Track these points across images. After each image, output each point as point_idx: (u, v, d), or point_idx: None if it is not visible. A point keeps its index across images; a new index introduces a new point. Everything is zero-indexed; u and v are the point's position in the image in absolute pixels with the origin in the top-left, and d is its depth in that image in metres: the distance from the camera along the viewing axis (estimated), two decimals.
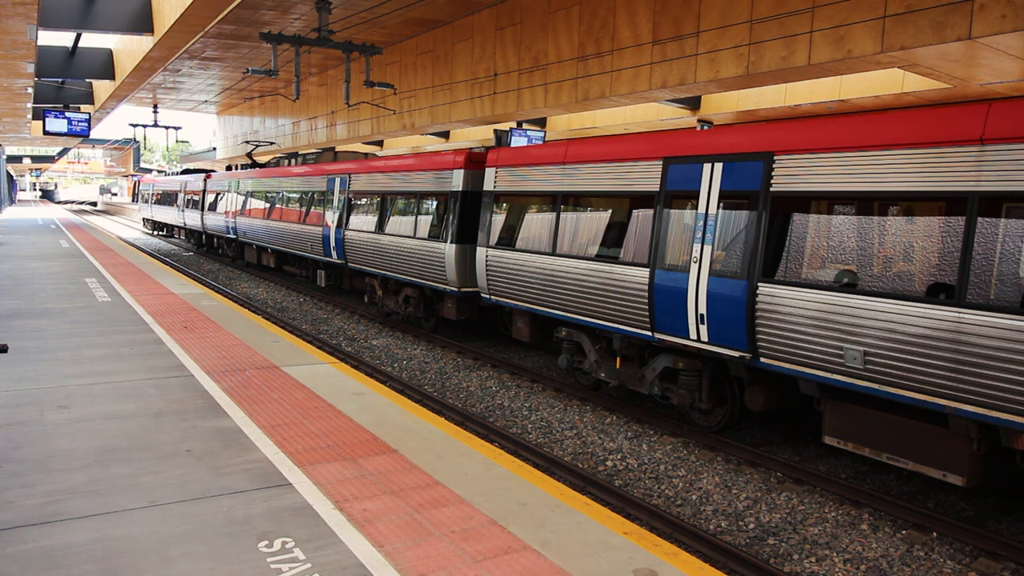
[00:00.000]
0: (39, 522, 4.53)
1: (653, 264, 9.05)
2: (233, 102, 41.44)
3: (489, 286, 12.27)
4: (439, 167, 13.93)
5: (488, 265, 12.19)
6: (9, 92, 25.37)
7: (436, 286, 13.89)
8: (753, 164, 8.08)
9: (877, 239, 7.11)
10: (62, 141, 54.22)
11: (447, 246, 13.30)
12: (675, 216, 8.94)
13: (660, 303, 8.95)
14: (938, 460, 6.76)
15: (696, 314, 8.49)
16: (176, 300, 13.50)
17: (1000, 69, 11.49)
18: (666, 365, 9.34)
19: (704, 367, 9.00)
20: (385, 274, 15.79)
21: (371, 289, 17.18)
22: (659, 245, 9.04)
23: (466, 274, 13.20)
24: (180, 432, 6.25)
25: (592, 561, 4.31)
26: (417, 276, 14.46)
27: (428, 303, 15.17)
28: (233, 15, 20.83)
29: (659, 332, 9.06)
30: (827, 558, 6.51)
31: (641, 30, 14.64)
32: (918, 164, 6.67)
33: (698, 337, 8.52)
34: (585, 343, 10.63)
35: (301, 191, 20.56)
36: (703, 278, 8.42)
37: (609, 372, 10.29)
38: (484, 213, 12.48)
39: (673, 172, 9.03)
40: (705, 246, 8.47)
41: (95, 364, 8.45)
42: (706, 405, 9.08)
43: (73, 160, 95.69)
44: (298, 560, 4.18)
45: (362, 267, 16.87)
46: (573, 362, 11.02)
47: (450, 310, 14.03)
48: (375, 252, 16.01)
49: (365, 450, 6.00)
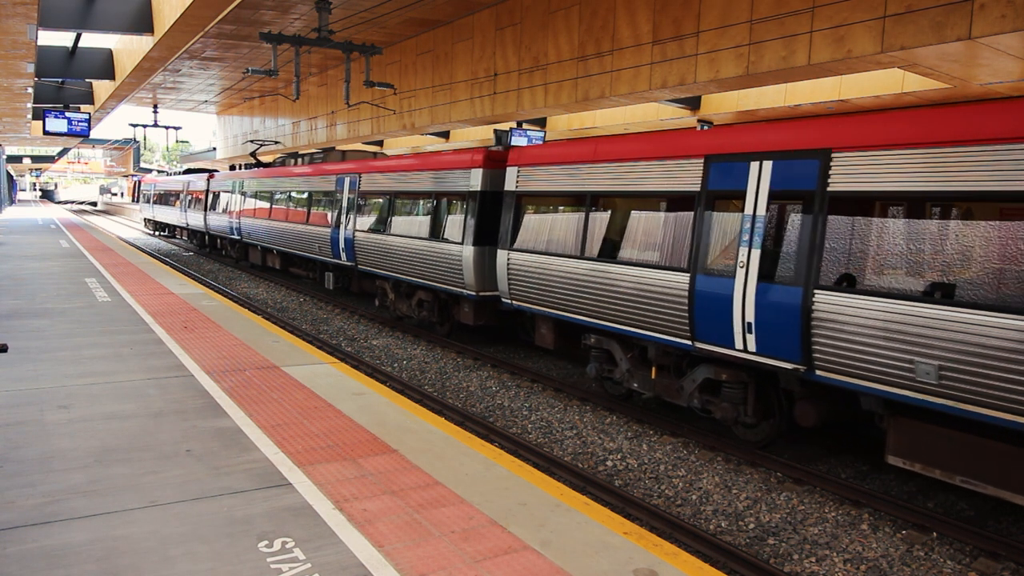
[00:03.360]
0: (39, 522, 4.53)
1: (694, 269, 8.49)
2: (233, 102, 41.45)
3: (511, 290, 11.67)
4: (456, 166, 13.40)
5: (510, 268, 11.61)
6: (9, 92, 25.38)
7: (452, 290, 13.38)
8: (807, 162, 7.49)
9: (956, 244, 6.50)
10: (62, 141, 54.23)
11: (465, 248, 12.77)
12: (718, 218, 8.37)
13: (701, 310, 8.39)
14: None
15: (742, 323, 7.93)
16: (176, 300, 13.50)
17: (1000, 69, 11.50)
18: (707, 376, 8.76)
19: (749, 379, 8.41)
20: (397, 277, 15.27)
21: (382, 292, 16.70)
22: (700, 249, 8.47)
23: (485, 278, 12.67)
24: (180, 432, 6.25)
25: (592, 561, 4.31)
26: (432, 279, 13.94)
27: (443, 307, 14.67)
28: (233, 15, 20.83)
29: (700, 341, 8.49)
30: (827, 558, 6.51)
31: (641, 30, 14.64)
32: (1001, 162, 6.07)
33: (744, 347, 7.95)
34: (616, 351, 10.06)
35: (308, 191, 20.04)
36: (751, 284, 7.85)
37: (643, 383, 9.72)
38: (505, 214, 11.89)
39: (716, 171, 8.45)
40: (753, 250, 7.87)
41: (95, 364, 8.45)
42: (752, 419, 8.50)
43: (73, 160, 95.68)
44: (298, 560, 4.18)
45: (373, 269, 16.32)
46: (602, 371, 10.43)
47: (467, 315, 13.50)
48: (387, 254, 15.52)
49: (365, 450, 6.00)
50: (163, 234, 43.71)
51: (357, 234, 16.83)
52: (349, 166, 17.97)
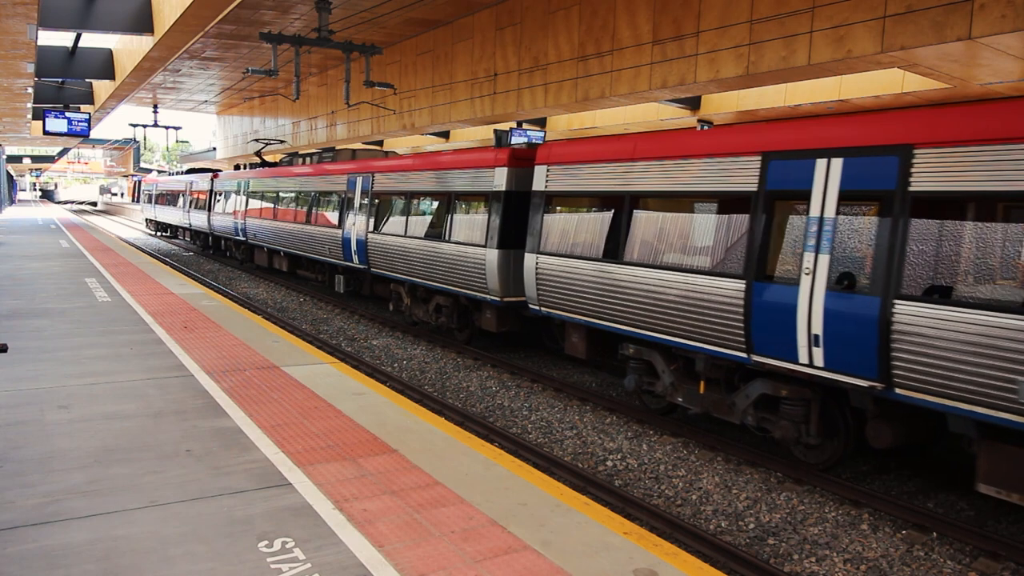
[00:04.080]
0: (39, 522, 4.53)
1: (751, 275, 7.86)
2: (233, 102, 41.45)
3: (539, 296, 11.00)
4: (478, 165, 12.71)
5: (539, 273, 10.94)
6: (9, 92, 25.38)
7: (474, 295, 12.68)
8: (885, 159, 6.84)
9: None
10: (62, 141, 54.23)
11: (488, 251, 12.10)
12: (779, 220, 7.73)
13: (759, 320, 7.75)
14: None
15: (808, 334, 7.29)
16: (176, 300, 13.50)
17: (1000, 69, 11.50)
18: (764, 392, 8.13)
19: (813, 396, 7.77)
20: (414, 281, 14.58)
21: (397, 296, 16.02)
22: (758, 254, 7.83)
23: (509, 282, 11.99)
24: (180, 432, 6.24)
25: (592, 561, 4.30)
26: (451, 284, 13.25)
27: (463, 313, 13.97)
28: (233, 15, 20.83)
29: (757, 354, 7.84)
30: (827, 558, 6.51)
31: (641, 30, 14.64)
32: None
33: (810, 361, 7.30)
34: (658, 363, 9.42)
35: (318, 191, 19.34)
36: (818, 293, 7.22)
37: (689, 397, 9.07)
38: (533, 216, 11.21)
39: (776, 169, 7.79)
40: (820, 256, 7.24)
41: (95, 364, 8.45)
42: (815, 440, 7.87)
43: (73, 160, 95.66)
44: (298, 560, 4.18)
45: (387, 273, 15.59)
46: (642, 384, 9.76)
47: (489, 321, 12.85)
48: (403, 257, 14.83)
49: (365, 450, 6.00)
50: (165, 235, 43.09)
51: (370, 236, 16.17)
52: (361, 165, 17.31)
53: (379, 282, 17.14)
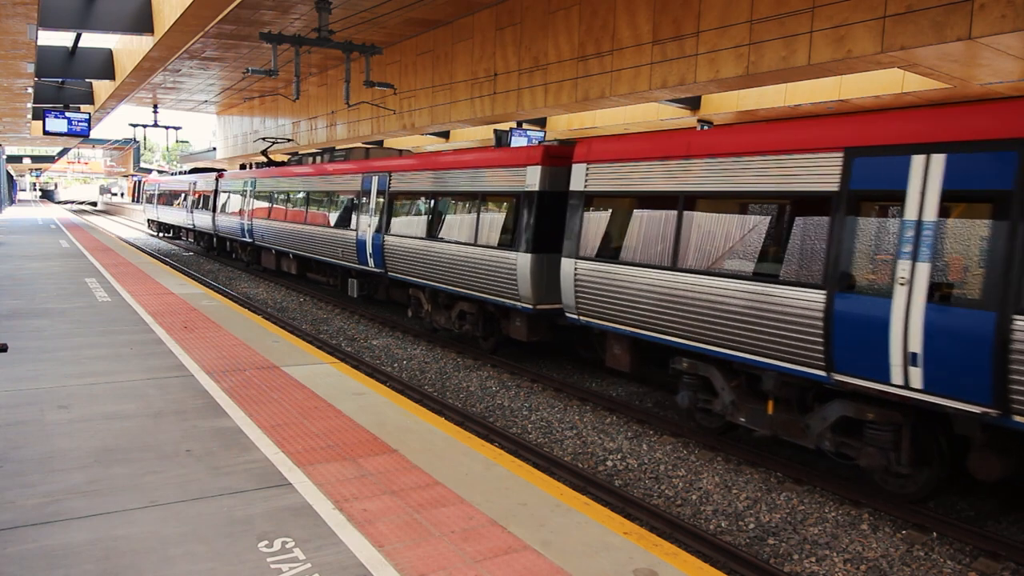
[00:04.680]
0: (39, 522, 4.53)
1: (832, 285, 7.12)
2: (233, 102, 41.46)
3: (578, 304, 10.27)
4: (508, 163, 11.95)
5: (578, 280, 10.22)
6: (9, 92, 25.38)
7: (502, 301, 11.93)
8: (999, 155, 6.11)
9: None
10: (62, 141, 54.24)
11: (520, 256, 11.36)
12: (866, 224, 6.99)
13: (843, 335, 7.02)
14: None
15: (904, 352, 6.56)
16: (176, 300, 13.50)
17: (1000, 69, 11.50)
18: (845, 414, 7.43)
19: (905, 420, 7.02)
20: (435, 286, 13.79)
21: (416, 302, 15.23)
22: (840, 261, 7.09)
23: (543, 288, 11.28)
24: (180, 432, 6.25)
25: (592, 561, 4.30)
26: (477, 289, 12.50)
27: (489, 320, 13.20)
28: (233, 15, 20.83)
29: (839, 372, 7.11)
30: (827, 558, 6.51)
31: (641, 30, 14.64)
32: None
33: (905, 382, 6.57)
34: (716, 379, 8.71)
35: (331, 191, 18.54)
36: (916, 305, 6.47)
37: (754, 417, 8.34)
38: (572, 218, 10.47)
39: (862, 167, 7.03)
40: (919, 264, 6.49)
41: (95, 364, 8.45)
42: (907, 469, 7.13)
43: (73, 160, 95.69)
44: (298, 560, 4.18)
45: (405, 277, 14.84)
46: (697, 401, 9.08)
47: (519, 330, 12.08)
48: (423, 261, 14.05)
49: (365, 450, 6.00)
50: (167, 235, 42.38)
51: (387, 238, 15.37)
52: (379, 164, 16.48)
53: (396, 287, 16.47)
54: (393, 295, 16.70)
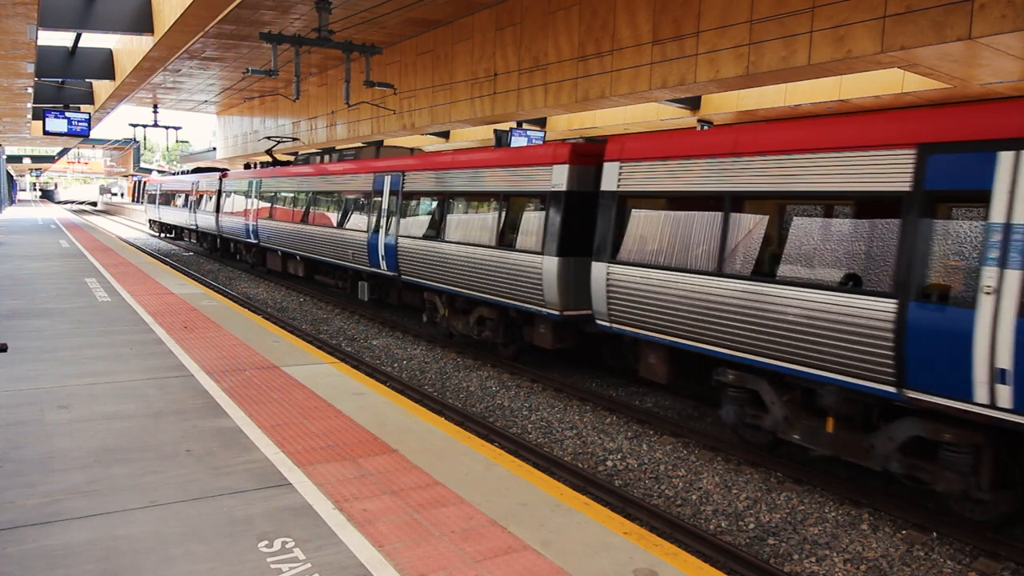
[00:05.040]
0: (39, 522, 4.53)
1: (905, 293, 6.59)
2: (233, 102, 41.47)
3: (610, 311, 9.75)
4: (532, 162, 11.40)
5: (610, 285, 9.69)
6: (9, 92, 25.38)
7: (525, 307, 11.40)
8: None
9: None
10: (62, 141, 54.26)
11: (545, 260, 10.83)
12: (945, 227, 6.44)
13: (917, 349, 6.48)
14: None
15: (989, 368, 6.04)
16: (176, 300, 13.50)
17: (1000, 69, 11.50)
18: (916, 434, 6.88)
19: (987, 442, 6.49)
20: (452, 290, 13.26)
21: (431, 307, 14.70)
22: (915, 268, 6.55)
23: (570, 294, 10.74)
24: (180, 432, 6.25)
25: (592, 561, 4.31)
26: (498, 294, 11.95)
27: (510, 326, 12.66)
28: (233, 15, 20.84)
29: (912, 389, 6.57)
30: (827, 558, 6.51)
31: (641, 30, 14.64)
32: None
33: (991, 401, 6.04)
34: (766, 392, 8.14)
35: (340, 191, 17.93)
36: (1006, 317, 5.95)
37: (810, 435, 7.74)
38: (603, 219, 9.95)
39: (939, 164, 6.46)
40: (1008, 271, 5.95)
41: (95, 364, 8.45)
42: (988, 495, 6.61)
43: (73, 160, 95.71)
44: (298, 560, 4.18)
45: (420, 281, 14.26)
46: (744, 416, 8.50)
47: (543, 336, 11.60)
48: (439, 264, 13.49)
49: (365, 450, 6.00)
50: (169, 236, 41.65)
51: (401, 240, 14.76)
52: (391, 163, 15.85)
53: (409, 290, 15.85)
54: (406, 299, 16.16)
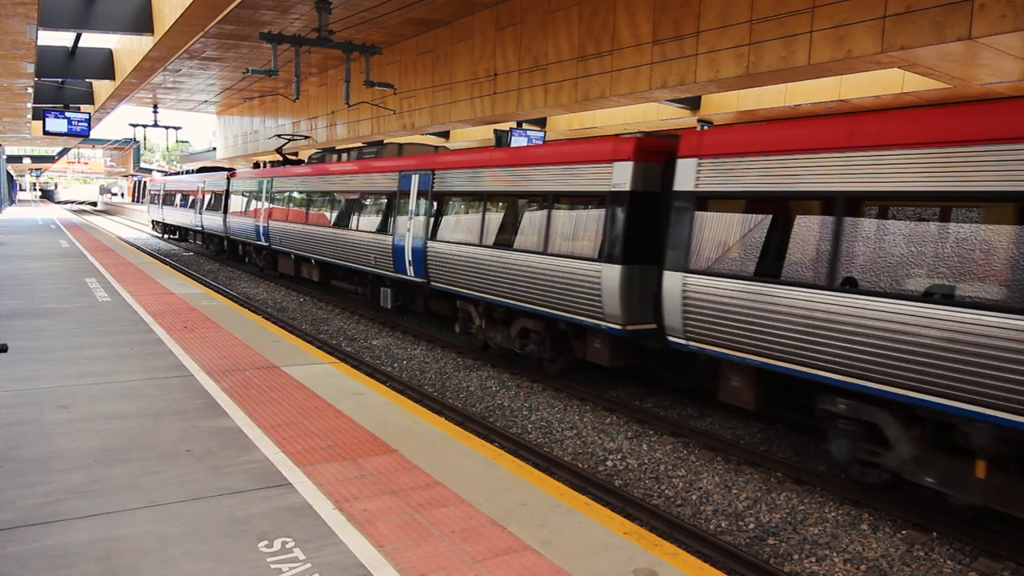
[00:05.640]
0: (39, 522, 4.53)
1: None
2: (233, 102, 41.48)
3: (686, 326, 8.69)
4: (588, 159, 10.37)
5: (688, 297, 8.64)
6: (9, 92, 25.38)
7: (581, 320, 10.34)
8: None
9: None
10: (62, 141, 54.27)
11: (606, 268, 9.83)
12: None
13: None
14: None
15: None
16: (176, 300, 13.50)
17: (1000, 69, 11.50)
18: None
19: None
20: (490, 299, 12.22)
21: (465, 317, 13.63)
22: None
23: (633, 306, 9.77)
24: (180, 432, 6.25)
25: (592, 561, 4.31)
26: (546, 305, 10.93)
27: (558, 340, 11.59)
28: (233, 15, 20.84)
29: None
30: (827, 558, 6.51)
31: (641, 30, 14.65)
32: None
33: None
34: (890, 427, 7.07)
35: (362, 191, 16.84)
36: None
37: (950, 480, 6.65)
38: (678, 224, 8.92)
39: None
40: None
41: (95, 364, 8.45)
42: None
43: (73, 160, 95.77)
44: (298, 560, 4.18)
45: (453, 288, 13.23)
46: (858, 451, 7.38)
47: (599, 353, 10.49)
48: (476, 270, 12.44)
49: (365, 450, 6.00)
50: (173, 237, 40.65)
51: (431, 244, 13.71)
52: (418, 161, 14.81)
53: (438, 298, 14.78)
54: (434, 307, 15.06)
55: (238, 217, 25.98)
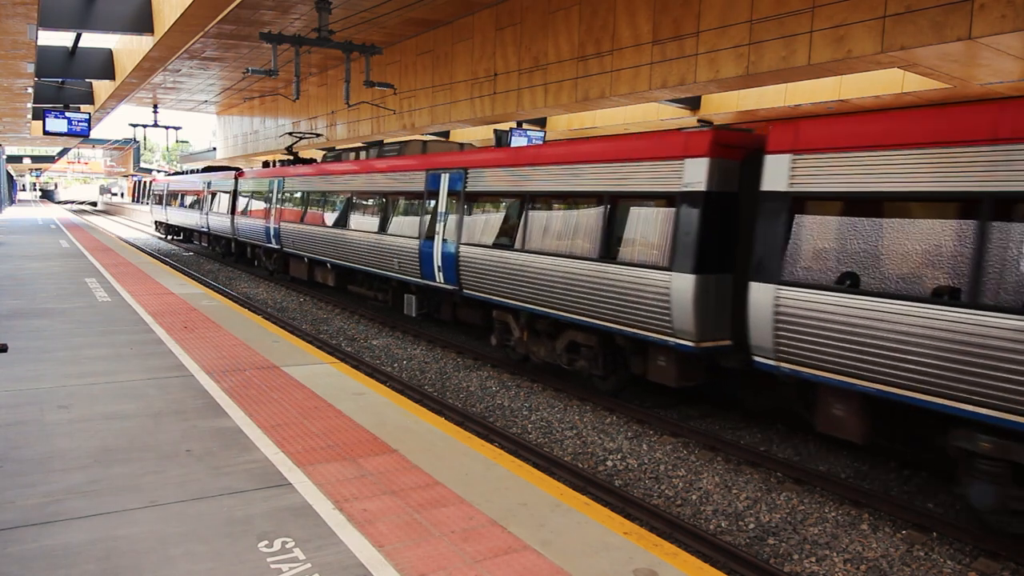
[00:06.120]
0: (39, 522, 4.53)
1: None
2: (233, 102, 41.48)
3: (779, 346, 7.72)
4: (654, 155, 9.35)
5: (780, 313, 7.67)
6: (9, 92, 25.38)
7: (644, 335, 9.36)
8: None
9: None
10: (62, 141, 54.27)
11: (677, 277, 8.80)
12: None
13: None
14: None
15: None
16: (176, 300, 13.50)
17: (1000, 69, 11.51)
18: None
19: None
20: (533, 309, 11.16)
21: (502, 327, 12.63)
22: None
23: (709, 320, 8.78)
24: (180, 432, 6.25)
25: (592, 561, 4.31)
26: (601, 317, 9.92)
27: (613, 355, 10.54)
28: (233, 15, 20.85)
29: None
30: (827, 558, 6.51)
31: (641, 30, 14.65)
32: None
33: None
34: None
35: (384, 191, 15.87)
36: None
37: None
38: (767, 228, 7.97)
39: None
40: None
41: (95, 364, 8.45)
42: None
43: (73, 160, 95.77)
44: (298, 560, 4.18)
45: (489, 297, 12.19)
46: (1007, 499, 6.43)
47: (663, 371, 9.49)
48: (517, 278, 11.39)
49: (365, 450, 6.00)
50: (177, 239, 39.21)
51: (464, 249, 12.74)
52: (447, 159, 13.87)
53: (470, 306, 13.85)
54: (463, 316, 14.12)
55: (247, 218, 25.06)
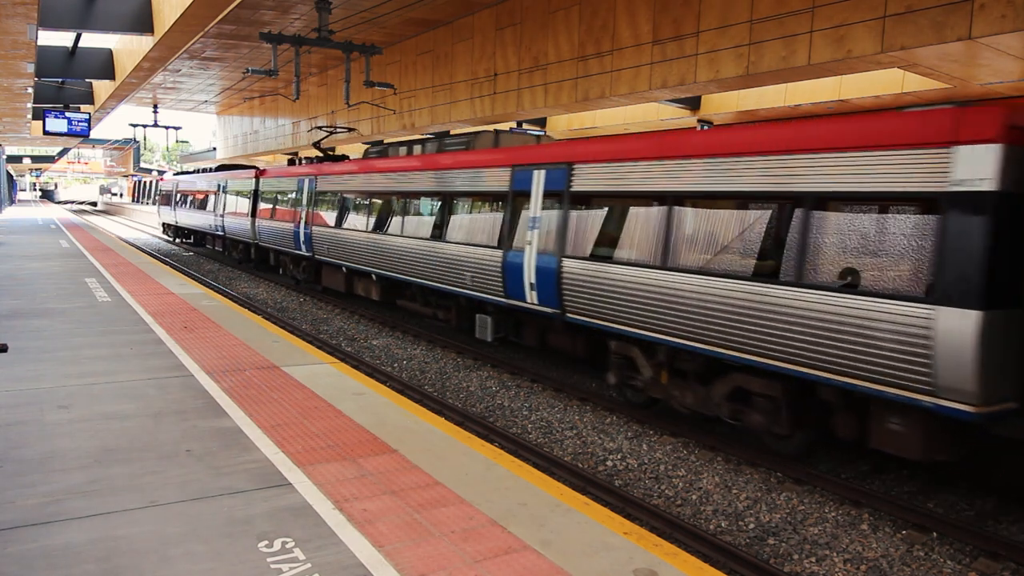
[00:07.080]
0: (39, 522, 4.53)
1: None
2: (233, 102, 41.48)
3: None
4: (898, 141, 6.76)
5: None
6: (9, 92, 25.39)
7: (874, 388, 6.83)
8: None
9: None
10: (62, 141, 54.28)
11: (948, 313, 6.26)
12: None
13: None
14: None
15: None
16: (176, 300, 13.50)
17: (1000, 69, 11.51)
18: None
19: None
20: (681, 344, 8.73)
21: (623, 363, 10.16)
22: None
23: (996, 375, 6.26)
24: (180, 432, 6.25)
25: (592, 561, 4.31)
26: (796, 360, 7.43)
27: (803, 407, 8.07)
28: (233, 15, 20.85)
29: None
30: (827, 558, 6.51)
31: (641, 30, 14.64)
32: None
33: None
34: None
35: (453, 192, 13.47)
36: None
37: None
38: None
39: None
40: None
41: (95, 364, 8.45)
42: None
43: (73, 160, 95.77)
44: (298, 560, 4.18)
45: (608, 324, 9.75)
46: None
47: (902, 440, 7.00)
48: (653, 302, 8.97)
49: (365, 450, 6.00)
50: (187, 242, 36.88)
51: (569, 263, 10.30)
52: (541, 153, 11.40)
53: (571, 333, 11.40)
54: (558, 343, 11.69)
55: (271, 221, 22.60)
